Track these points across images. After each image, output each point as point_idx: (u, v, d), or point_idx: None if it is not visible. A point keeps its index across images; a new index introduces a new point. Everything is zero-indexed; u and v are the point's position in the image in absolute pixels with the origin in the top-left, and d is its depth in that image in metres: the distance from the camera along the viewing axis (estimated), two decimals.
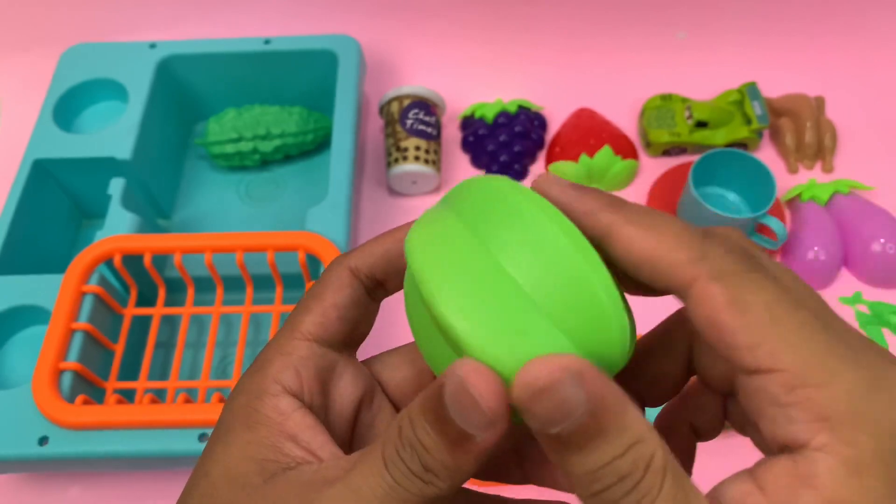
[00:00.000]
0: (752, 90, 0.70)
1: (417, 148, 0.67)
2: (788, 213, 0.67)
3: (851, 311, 0.62)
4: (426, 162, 0.67)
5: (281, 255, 0.54)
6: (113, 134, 0.62)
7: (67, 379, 0.48)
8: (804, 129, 0.71)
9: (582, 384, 0.16)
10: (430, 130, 0.68)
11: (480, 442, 0.17)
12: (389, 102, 0.70)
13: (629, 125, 0.74)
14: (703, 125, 0.70)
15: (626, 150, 0.69)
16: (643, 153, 0.72)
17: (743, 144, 0.71)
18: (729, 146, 0.70)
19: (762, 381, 0.17)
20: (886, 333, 0.61)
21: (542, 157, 0.72)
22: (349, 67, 0.66)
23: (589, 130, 0.70)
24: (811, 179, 0.67)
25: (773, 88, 0.74)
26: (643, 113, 0.72)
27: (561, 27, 0.79)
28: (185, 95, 0.71)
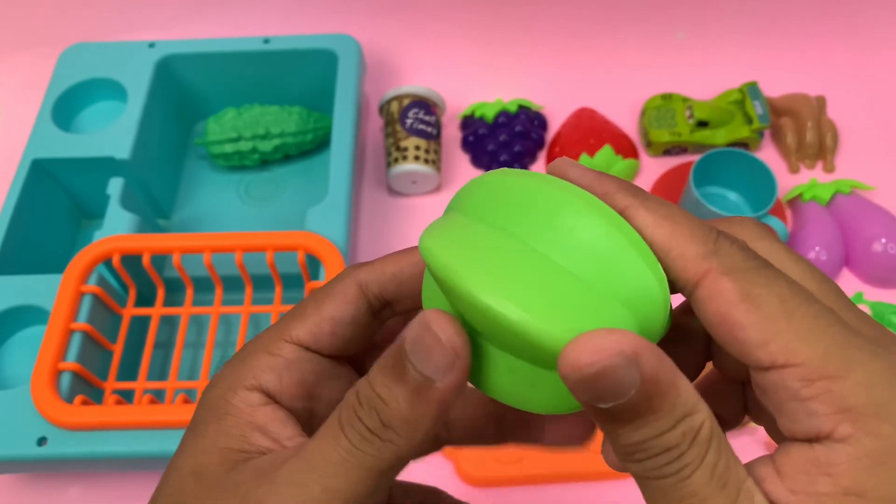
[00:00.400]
0: (752, 90, 0.70)
1: (417, 147, 0.67)
2: (790, 212, 0.67)
3: None
4: (426, 161, 0.67)
5: (280, 255, 0.54)
6: (112, 133, 0.61)
7: (66, 379, 0.48)
8: (805, 128, 0.70)
9: (637, 366, 0.16)
10: (429, 130, 0.68)
11: (440, 387, 0.18)
12: (389, 102, 0.69)
13: (630, 125, 0.74)
14: (703, 125, 0.70)
15: (626, 149, 0.69)
16: (644, 153, 0.72)
17: (744, 144, 0.70)
18: (730, 146, 0.70)
19: (779, 376, 0.17)
20: None
21: (542, 156, 0.72)
22: (349, 67, 0.66)
23: (589, 130, 0.70)
24: (812, 179, 0.67)
25: (774, 88, 0.74)
26: (644, 112, 0.72)
27: (561, 27, 0.78)
28: (184, 95, 0.71)
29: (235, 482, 0.19)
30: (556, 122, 0.74)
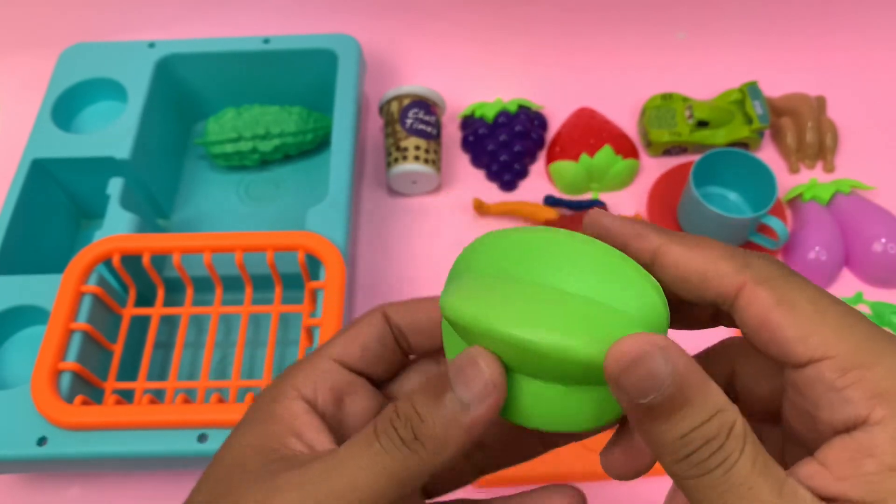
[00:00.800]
0: (752, 90, 0.70)
1: (417, 147, 0.67)
2: (790, 212, 0.67)
3: None
4: (426, 161, 0.67)
5: (280, 255, 0.54)
6: (112, 133, 0.61)
7: (66, 379, 0.48)
8: (805, 128, 0.70)
9: (668, 358, 0.18)
10: (429, 130, 0.68)
11: (474, 414, 0.20)
12: (389, 102, 0.69)
13: (630, 125, 0.74)
14: (703, 125, 0.70)
15: (626, 149, 0.69)
16: (644, 153, 0.72)
17: (744, 144, 0.70)
18: (730, 146, 0.70)
19: (816, 369, 0.19)
20: None
21: (542, 156, 0.72)
22: (349, 67, 0.66)
23: (589, 130, 0.70)
24: (812, 179, 0.67)
25: (773, 88, 0.74)
26: (644, 112, 0.72)
27: (561, 27, 0.78)
28: (184, 95, 0.71)
29: (270, 470, 0.21)
30: (556, 121, 0.74)
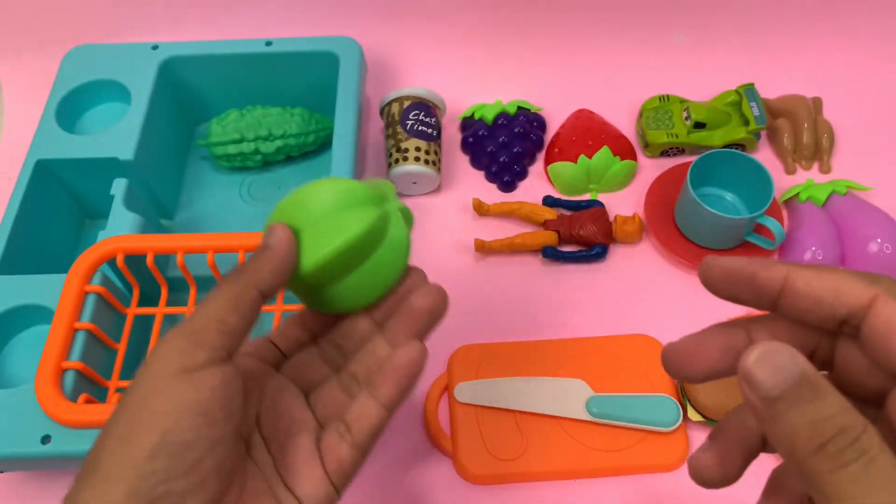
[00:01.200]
0: (749, 91, 0.71)
1: (418, 149, 0.67)
2: (786, 213, 0.68)
3: None
4: (426, 163, 0.67)
5: None
6: (116, 134, 0.62)
7: (70, 378, 0.48)
8: (802, 129, 0.71)
9: (794, 356, 0.20)
10: (430, 131, 0.68)
11: (273, 248, 0.32)
12: (390, 103, 0.70)
13: (627, 126, 0.74)
14: (700, 126, 0.70)
15: (624, 150, 0.70)
16: (641, 154, 0.73)
17: (741, 145, 0.71)
18: (727, 147, 0.70)
19: None
20: None
21: (541, 157, 0.73)
22: (350, 69, 0.66)
23: (587, 131, 0.70)
24: (809, 180, 0.68)
25: (770, 89, 0.74)
26: (641, 114, 0.73)
27: (560, 29, 0.79)
28: (187, 96, 0.71)
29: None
30: (554, 123, 0.75)
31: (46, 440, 0.47)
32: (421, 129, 0.68)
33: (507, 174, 0.70)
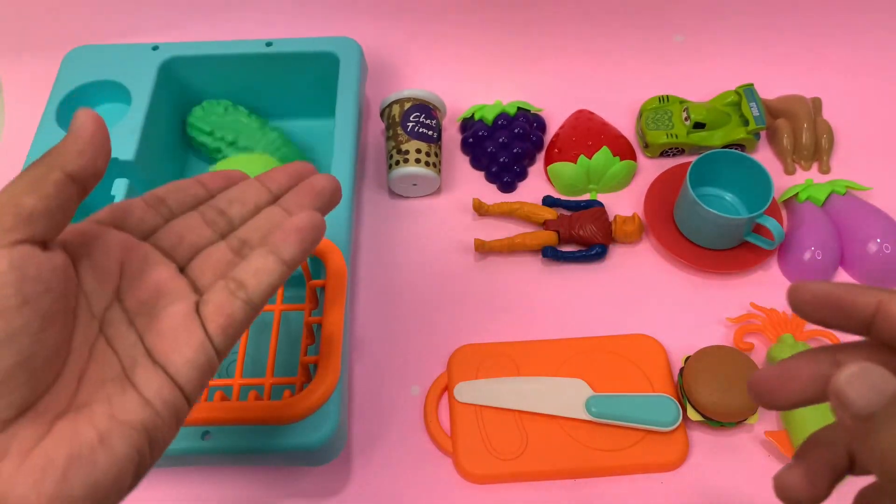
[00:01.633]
0: (749, 91, 0.71)
1: (418, 151, 0.67)
2: (785, 213, 0.68)
3: None
4: (427, 164, 0.67)
5: None
6: (116, 135, 0.62)
7: None
8: (801, 130, 0.71)
9: (885, 375, 0.20)
10: (431, 133, 0.69)
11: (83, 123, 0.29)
12: (391, 105, 0.70)
13: (627, 126, 0.74)
14: (700, 126, 0.71)
15: (624, 151, 0.70)
16: (641, 154, 0.73)
17: (740, 145, 0.71)
18: (726, 147, 0.70)
19: None
20: None
21: (540, 158, 0.73)
22: (350, 70, 0.66)
23: (587, 132, 0.71)
24: (808, 180, 0.68)
25: (770, 90, 0.74)
26: (641, 114, 0.73)
27: (560, 30, 0.79)
28: (187, 97, 0.71)
29: None
30: (554, 124, 0.75)
31: None
32: (422, 131, 0.68)
33: (506, 175, 0.71)
